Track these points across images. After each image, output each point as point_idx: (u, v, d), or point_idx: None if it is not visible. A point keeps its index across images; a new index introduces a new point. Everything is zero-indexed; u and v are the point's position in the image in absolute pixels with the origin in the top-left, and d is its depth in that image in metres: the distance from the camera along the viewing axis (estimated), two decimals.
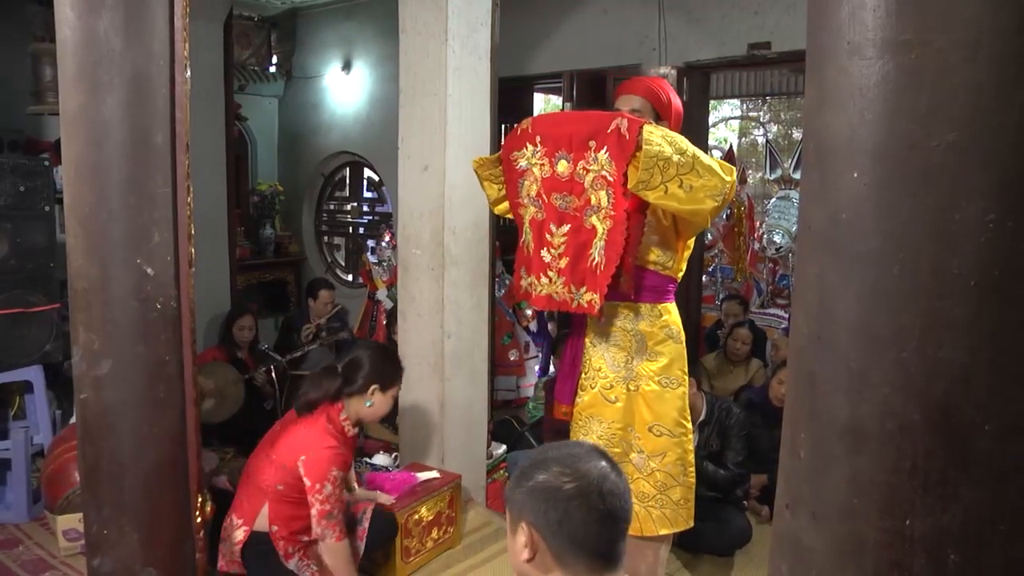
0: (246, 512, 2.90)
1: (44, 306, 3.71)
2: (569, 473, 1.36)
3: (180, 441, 2.26)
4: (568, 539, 1.33)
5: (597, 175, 2.52)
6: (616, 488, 1.36)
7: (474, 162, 2.94)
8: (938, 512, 1.04)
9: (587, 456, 1.41)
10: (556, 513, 1.33)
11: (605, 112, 2.56)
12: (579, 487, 1.34)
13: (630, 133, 2.40)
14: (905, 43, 1.02)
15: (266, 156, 7.45)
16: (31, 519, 3.71)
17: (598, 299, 2.56)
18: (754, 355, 5.15)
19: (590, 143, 2.52)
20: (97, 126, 2.08)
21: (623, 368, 2.73)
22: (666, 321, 2.71)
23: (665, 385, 2.70)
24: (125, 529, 2.19)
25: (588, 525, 1.33)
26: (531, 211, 2.73)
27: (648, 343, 2.70)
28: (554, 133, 2.63)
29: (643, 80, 2.79)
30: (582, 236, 2.59)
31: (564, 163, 2.60)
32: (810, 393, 1.17)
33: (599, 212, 2.54)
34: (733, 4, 4.95)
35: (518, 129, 2.73)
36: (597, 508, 1.33)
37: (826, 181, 1.13)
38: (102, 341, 2.15)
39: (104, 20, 2.03)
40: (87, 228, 2.12)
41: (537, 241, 2.73)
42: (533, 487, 1.37)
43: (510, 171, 2.78)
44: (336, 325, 5.48)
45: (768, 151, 8.19)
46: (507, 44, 3.90)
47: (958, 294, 1.02)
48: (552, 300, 2.71)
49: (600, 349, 2.78)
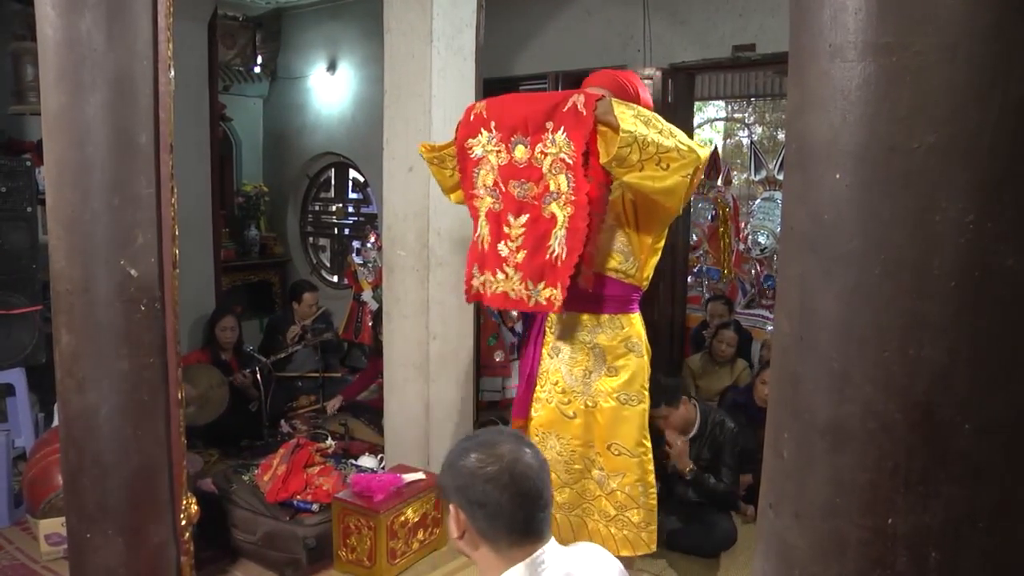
0: None
1: (26, 308, 3.68)
2: (484, 458, 1.51)
3: (164, 444, 2.24)
4: (487, 517, 1.49)
5: (555, 158, 2.35)
6: (528, 469, 1.50)
7: (421, 147, 2.78)
8: (919, 510, 1.05)
9: (504, 441, 1.54)
10: (475, 494, 1.49)
11: (562, 91, 2.44)
12: (493, 470, 1.49)
13: (587, 108, 2.25)
14: (886, 46, 1.03)
15: (251, 157, 7.42)
16: (12, 523, 3.68)
17: (559, 294, 2.37)
18: (739, 355, 5.17)
19: (547, 124, 2.35)
20: (80, 126, 2.06)
21: (581, 383, 2.58)
22: (628, 334, 2.55)
23: (624, 402, 2.55)
24: (108, 533, 2.18)
25: (503, 504, 1.48)
26: (488, 202, 2.56)
27: (607, 357, 2.54)
28: (509, 116, 2.46)
29: (611, 72, 2.62)
30: (541, 226, 2.41)
31: (522, 148, 2.42)
32: (792, 393, 1.18)
33: (559, 199, 2.36)
34: (717, 6, 4.97)
35: (471, 113, 2.56)
36: (509, 488, 1.47)
37: (808, 182, 1.14)
38: (85, 343, 2.13)
39: (86, 19, 2.01)
40: (70, 229, 2.10)
41: (494, 234, 2.55)
42: (457, 472, 1.53)
43: (464, 160, 2.60)
44: (321, 327, 5.47)
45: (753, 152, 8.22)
46: (492, 45, 3.91)
47: (938, 294, 1.03)
48: (508, 298, 2.53)
49: (558, 362, 2.63)
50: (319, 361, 5.33)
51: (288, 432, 4.73)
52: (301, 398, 5.33)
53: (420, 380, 3.81)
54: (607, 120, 2.22)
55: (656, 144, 2.16)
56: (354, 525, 3.25)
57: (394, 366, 3.85)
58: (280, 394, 5.07)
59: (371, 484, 3.36)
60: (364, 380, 5.27)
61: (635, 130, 2.15)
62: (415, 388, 3.83)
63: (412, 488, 3.44)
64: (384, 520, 3.19)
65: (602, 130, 2.24)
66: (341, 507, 3.29)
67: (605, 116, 2.23)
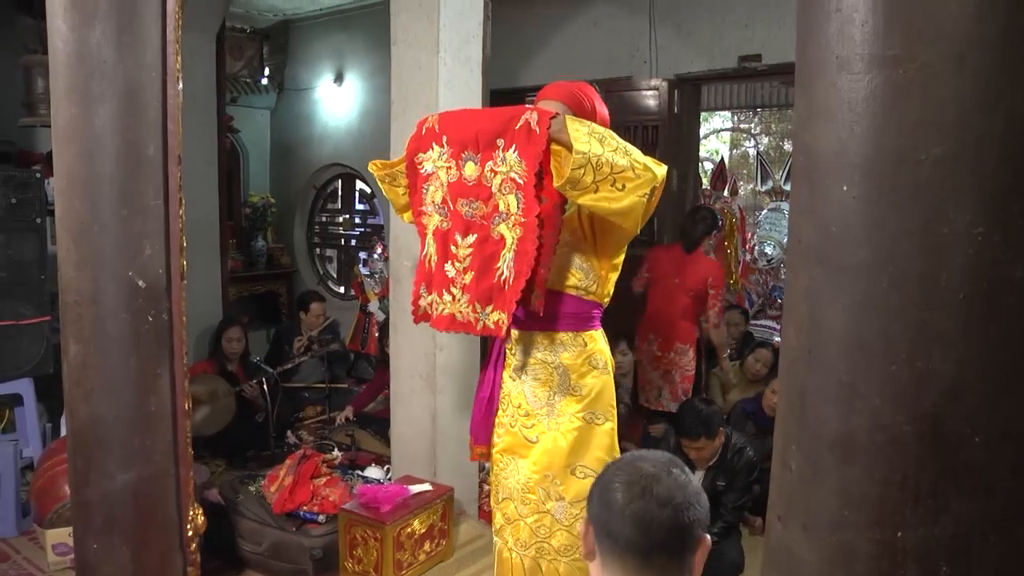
0: None
1: (35, 318, 3.70)
2: (624, 473, 1.33)
3: (171, 454, 2.25)
4: (612, 541, 1.31)
5: (506, 177, 2.23)
6: (666, 493, 1.28)
7: (372, 165, 2.70)
8: (929, 523, 1.04)
9: (652, 461, 1.35)
10: (604, 511, 1.32)
11: (515, 107, 2.29)
12: (626, 487, 1.30)
13: (540, 127, 2.14)
14: (892, 58, 1.03)
15: (258, 168, 7.44)
16: (20, 533, 3.67)
17: (506, 319, 2.26)
18: (772, 374, 4.97)
19: (498, 141, 2.24)
20: (89, 138, 2.08)
21: (544, 405, 2.46)
22: (591, 351, 2.45)
23: (590, 421, 2.43)
24: (115, 543, 2.18)
25: (625, 526, 1.28)
26: (435, 220, 2.44)
27: (571, 376, 2.43)
28: (460, 131, 2.34)
29: (566, 84, 2.47)
30: (489, 247, 2.30)
31: (471, 165, 2.31)
32: (801, 405, 1.17)
33: (508, 219, 2.25)
34: (724, 17, 4.99)
35: (422, 127, 2.46)
36: (636, 510, 1.28)
37: (816, 194, 1.14)
38: (93, 354, 2.14)
39: (96, 32, 2.03)
40: (79, 240, 2.12)
41: (441, 254, 2.43)
42: (595, 483, 1.38)
43: (414, 176, 2.49)
44: (328, 337, 5.47)
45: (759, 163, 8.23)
46: (499, 56, 3.92)
47: (947, 306, 1.03)
48: (455, 321, 2.41)
49: (520, 384, 2.50)
50: (326, 372, 5.33)
51: (295, 443, 4.72)
52: (308, 409, 5.33)
53: (427, 391, 3.81)
54: (560, 139, 2.13)
55: (611, 164, 2.05)
56: (360, 536, 3.24)
57: (401, 377, 3.84)
58: (287, 405, 5.07)
59: (378, 495, 3.35)
60: (371, 391, 5.26)
61: (589, 150, 2.04)
62: (422, 399, 3.82)
63: (419, 499, 3.43)
64: (391, 531, 3.18)
65: (556, 149, 2.15)
66: (347, 518, 3.28)
67: (558, 135, 2.13)
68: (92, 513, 2.20)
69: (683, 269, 4.53)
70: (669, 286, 4.55)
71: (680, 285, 4.51)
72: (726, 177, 7.33)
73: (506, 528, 2.56)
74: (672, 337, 4.56)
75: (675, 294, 4.53)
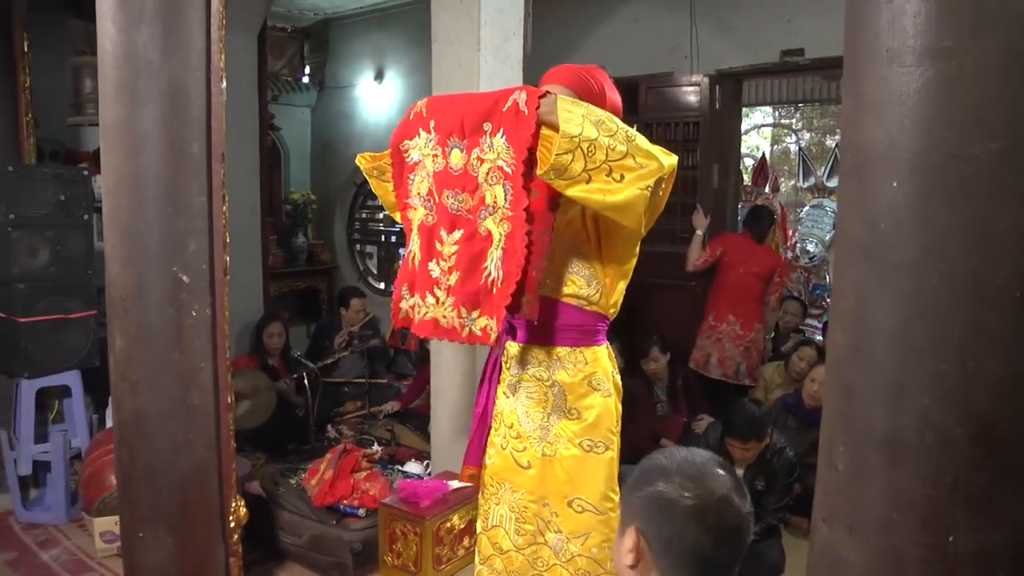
0: None
1: (82, 312, 3.78)
2: (691, 488, 1.25)
3: (214, 447, 2.28)
4: (676, 557, 1.25)
5: (493, 165, 1.96)
6: (737, 518, 1.25)
7: (359, 159, 2.52)
8: (985, 529, 1.01)
9: (712, 472, 1.29)
10: (668, 528, 1.25)
11: (505, 88, 1.99)
12: (698, 506, 1.24)
13: (528, 107, 1.86)
14: (945, 50, 1.01)
15: (299, 165, 7.52)
16: (69, 520, 3.78)
17: (495, 325, 1.99)
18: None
19: (484, 126, 1.96)
20: (136, 137, 2.11)
21: (538, 427, 2.21)
22: (591, 370, 2.17)
23: (589, 449, 2.17)
24: (159, 533, 2.22)
25: (698, 548, 1.23)
26: (420, 213, 2.18)
27: (568, 397, 2.18)
28: (448, 116, 2.06)
29: (572, 67, 2.21)
30: (476, 245, 2.03)
31: (457, 152, 2.03)
32: (847, 404, 1.15)
33: (495, 213, 1.98)
34: (765, 11, 4.92)
35: (411, 112, 2.18)
36: (711, 533, 1.23)
37: (864, 190, 1.11)
38: (138, 347, 2.18)
39: (143, 34, 2.07)
40: (125, 237, 2.16)
41: (425, 251, 2.16)
42: (650, 494, 1.28)
43: (399, 165, 2.23)
44: (368, 333, 5.51)
45: (801, 159, 8.10)
46: (539, 54, 3.91)
47: (1000, 305, 1.00)
48: (438, 326, 2.12)
49: (513, 401, 2.26)
50: (365, 367, 5.37)
51: (334, 437, 4.77)
52: (347, 403, 5.37)
53: (467, 386, 3.82)
54: (549, 120, 1.85)
55: (606, 150, 1.79)
56: (400, 531, 3.26)
57: (442, 373, 3.86)
58: (327, 399, 5.12)
59: (417, 490, 3.37)
60: (418, 386, 5.28)
61: (580, 133, 1.78)
62: (462, 395, 3.83)
63: (458, 495, 3.44)
64: (430, 526, 3.20)
65: (547, 134, 1.88)
66: (387, 512, 3.31)
67: (548, 116, 1.84)
68: (137, 503, 2.24)
69: (755, 258, 4.97)
70: (745, 272, 4.94)
71: (754, 272, 4.95)
72: (767, 173, 7.23)
73: (496, 558, 2.33)
74: (751, 318, 4.97)
75: (749, 280, 4.94)
